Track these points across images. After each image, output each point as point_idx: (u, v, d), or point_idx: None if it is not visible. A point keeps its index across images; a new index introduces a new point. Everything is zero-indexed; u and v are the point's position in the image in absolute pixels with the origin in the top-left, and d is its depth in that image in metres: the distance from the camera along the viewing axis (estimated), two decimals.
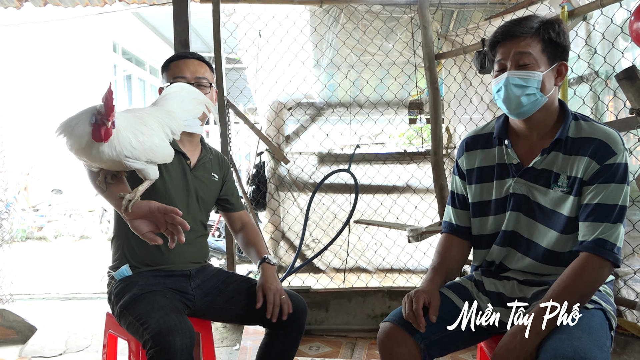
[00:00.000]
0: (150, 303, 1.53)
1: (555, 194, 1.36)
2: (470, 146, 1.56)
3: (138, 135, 1.34)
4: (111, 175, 1.42)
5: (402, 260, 3.47)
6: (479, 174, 1.52)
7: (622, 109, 2.20)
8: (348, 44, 3.38)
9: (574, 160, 1.34)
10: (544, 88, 1.34)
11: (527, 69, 1.34)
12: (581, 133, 1.35)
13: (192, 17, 2.78)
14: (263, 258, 1.77)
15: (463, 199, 1.58)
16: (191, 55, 1.76)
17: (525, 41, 1.34)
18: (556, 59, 1.36)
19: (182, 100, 1.53)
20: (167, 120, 1.46)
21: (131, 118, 1.38)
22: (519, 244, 1.44)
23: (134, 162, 1.34)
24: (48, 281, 4.71)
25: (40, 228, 7.80)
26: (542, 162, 1.39)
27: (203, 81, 1.72)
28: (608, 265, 1.27)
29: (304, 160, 3.45)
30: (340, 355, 2.61)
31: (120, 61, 9.31)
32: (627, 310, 2.20)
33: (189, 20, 2.70)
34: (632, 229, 2.12)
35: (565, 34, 1.36)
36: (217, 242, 4.99)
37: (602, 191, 1.29)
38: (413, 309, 1.36)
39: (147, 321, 1.45)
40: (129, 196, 1.33)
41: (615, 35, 2.28)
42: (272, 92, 3.39)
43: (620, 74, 1.88)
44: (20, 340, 2.94)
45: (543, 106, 1.37)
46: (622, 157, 1.30)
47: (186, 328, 1.42)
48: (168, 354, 1.37)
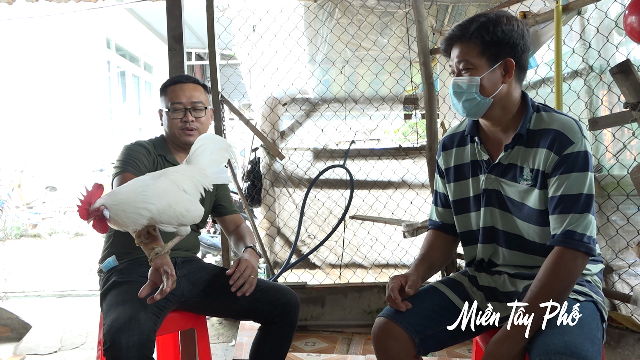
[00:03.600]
0: (118, 295, 1.58)
1: (522, 187, 1.37)
2: (447, 145, 1.58)
3: (141, 211, 1.40)
4: (146, 234, 1.52)
5: (397, 255, 3.48)
6: (456, 172, 1.54)
7: (616, 103, 2.20)
8: (343, 39, 3.36)
9: (535, 153, 1.35)
10: (485, 90, 1.36)
11: (467, 75, 1.37)
12: (541, 124, 1.36)
13: (186, 12, 2.77)
14: (248, 245, 1.82)
15: (445, 198, 1.60)
16: (186, 80, 1.87)
17: (463, 47, 1.37)
18: (499, 57, 1.35)
19: (211, 152, 1.63)
20: (201, 179, 1.57)
21: (162, 184, 1.47)
22: (500, 239, 1.45)
23: (165, 227, 1.48)
24: (43, 278, 4.69)
25: (35, 225, 7.76)
26: (507, 157, 1.40)
27: (199, 105, 1.84)
28: (580, 255, 1.27)
29: (299, 156, 3.44)
30: (336, 351, 2.61)
31: (114, 57, 9.25)
32: (622, 303, 2.21)
33: (182, 15, 2.69)
34: (626, 223, 2.13)
35: (506, 31, 1.34)
36: (212, 238, 4.97)
37: (564, 182, 1.29)
38: (389, 289, 1.41)
39: (107, 317, 1.51)
40: (158, 249, 1.45)
41: (610, 30, 2.28)
42: (267, 87, 3.38)
43: (615, 68, 1.88)
44: (14, 337, 2.92)
45: (497, 103, 1.38)
46: (581, 144, 1.29)
47: (135, 325, 1.43)
48: (114, 351, 1.39)
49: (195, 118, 1.82)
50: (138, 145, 1.80)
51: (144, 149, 1.79)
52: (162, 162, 1.83)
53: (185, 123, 1.81)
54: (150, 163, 1.78)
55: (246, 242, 1.87)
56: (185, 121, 1.80)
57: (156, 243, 1.49)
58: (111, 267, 1.72)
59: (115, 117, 9.23)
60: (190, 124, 1.81)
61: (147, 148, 1.80)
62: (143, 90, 10.64)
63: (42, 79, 7.76)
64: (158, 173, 1.53)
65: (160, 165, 1.81)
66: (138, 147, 1.78)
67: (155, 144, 1.86)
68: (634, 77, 1.82)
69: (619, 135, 2.30)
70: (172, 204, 1.44)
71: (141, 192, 1.42)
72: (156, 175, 1.51)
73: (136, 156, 1.74)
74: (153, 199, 1.41)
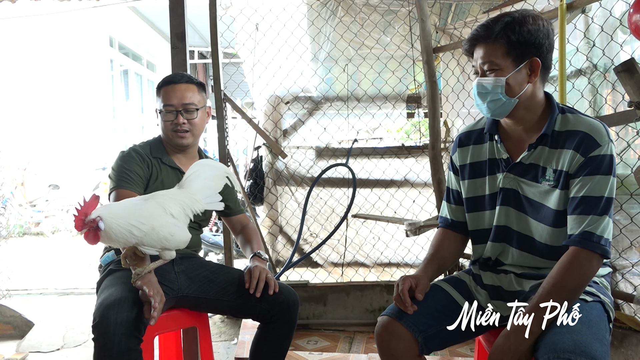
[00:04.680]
0: (112, 279, 1.61)
1: (543, 187, 1.37)
2: (463, 142, 1.57)
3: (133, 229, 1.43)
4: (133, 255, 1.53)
5: (400, 254, 3.47)
6: (471, 170, 1.53)
7: (620, 102, 2.19)
8: (346, 37, 3.35)
9: (560, 154, 1.34)
10: (511, 90, 1.35)
11: (492, 75, 1.36)
12: (567, 126, 1.35)
13: (189, 10, 2.76)
14: (255, 252, 1.83)
15: (457, 195, 1.59)
16: (180, 79, 1.82)
17: (488, 47, 1.36)
18: (525, 57, 1.34)
19: (205, 178, 1.64)
20: (190, 203, 1.57)
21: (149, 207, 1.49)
22: (512, 239, 1.44)
23: (148, 250, 1.49)
24: (45, 276, 4.70)
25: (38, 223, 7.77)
26: (530, 157, 1.39)
27: (190, 106, 1.80)
28: (596, 257, 1.27)
29: (301, 155, 3.44)
30: (339, 349, 2.61)
31: (117, 56, 9.26)
32: (625, 303, 2.20)
33: (185, 13, 2.68)
34: (630, 223, 2.12)
35: (532, 31, 1.33)
36: (214, 237, 4.97)
37: (587, 183, 1.29)
38: (399, 291, 1.39)
39: (99, 297, 1.53)
40: (138, 270, 1.48)
41: (614, 28, 2.27)
42: (270, 86, 3.37)
43: (619, 67, 1.87)
44: (17, 335, 2.93)
45: (521, 104, 1.37)
46: (607, 148, 1.29)
47: (126, 304, 1.44)
48: (101, 327, 1.40)
49: (187, 120, 1.79)
50: (132, 153, 1.77)
51: (138, 155, 1.77)
52: (158, 164, 1.81)
53: (177, 125, 1.78)
54: (145, 170, 1.76)
55: (253, 247, 1.88)
56: (176, 123, 1.78)
57: (142, 264, 1.51)
58: (110, 260, 1.74)
59: (118, 115, 9.24)
60: (182, 126, 1.78)
61: (141, 154, 1.78)
62: (146, 88, 10.64)
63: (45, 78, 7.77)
64: (147, 196, 1.55)
65: (156, 168, 1.79)
66: (131, 157, 1.76)
67: (151, 146, 1.85)
68: (639, 76, 1.81)
69: (623, 134, 2.29)
70: (155, 227, 1.45)
71: (135, 211, 1.45)
72: (145, 197, 1.54)
73: (130, 168, 1.72)
74: (143, 219, 1.44)
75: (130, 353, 1.41)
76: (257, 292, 1.65)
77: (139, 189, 1.73)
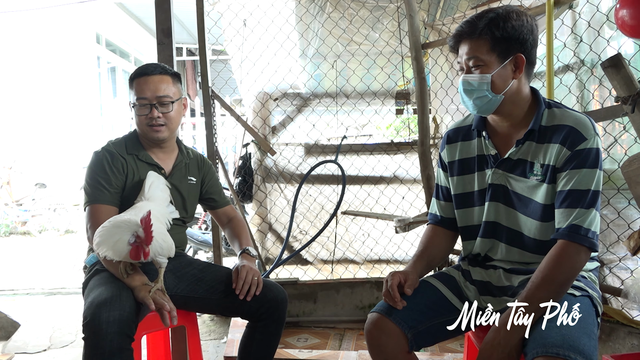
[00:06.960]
0: (100, 279, 1.58)
1: (531, 182, 1.37)
2: (451, 139, 1.57)
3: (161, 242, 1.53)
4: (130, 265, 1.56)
5: (389, 251, 3.47)
6: (460, 166, 1.53)
7: (607, 97, 2.20)
8: (334, 33, 3.34)
9: (547, 148, 1.35)
10: (496, 87, 1.35)
11: (477, 71, 1.35)
12: (553, 121, 1.36)
13: (176, 6, 2.73)
14: (243, 249, 1.81)
15: (447, 192, 1.59)
16: (152, 70, 1.73)
17: (472, 43, 1.36)
18: (509, 53, 1.34)
19: (162, 190, 1.72)
20: (167, 214, 1.69)
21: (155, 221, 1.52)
22: (501, 235, 1.45)
23: (161, 259, 1.56)
24: (32, 276, 4.64)
25: (24, 223, 7.68)
26: (518, 152, 1.40)
27: (165, 99, 1.72)
28: (584, 250, 1.28)
29: (290, 152, 3.42)
30: (329, 347, 2.61)
31: (104, 53, 9.16)
32: (613, 297, 2.22)
33: (171, 8, 2.65)
34: (617, 217, 2.13)
35: (516, 26, 1.33)
36: (204, 235, 4.94)
37: (574, 177, 1.29)
38: (388, 287, 1.40)
39: (88, 297, 1.51)
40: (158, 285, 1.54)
41: (601, 24, 2.27)
42: (258, 82, 3.34)
43: (606, 62, 1.87)
44: (3, 336, 2.89)
45: (508, 100, 1.37)
46: (593, 142, 1.30)
47: (117, 302, 1.43)
48: (93, 325, 1.38)
49: (162, 114, 1.71)
50: (106, 156, 1.71)
51: (112, 157, 1.71)
52: (134, 161, 1.75)
53: (152, 119, 1.70)
54: (119, 174, 1.71)
55: (242, 243, 1.85)
56: (151, 117, 1.70)
57: (137, 275, 1.54)
58: (95, 261, 1.71)
59: (106, 113, 9.15)
60: (157, 120, 1.71)
61: (114, 155, 1.72)
62: None
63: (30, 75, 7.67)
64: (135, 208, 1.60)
65: (132, 167, 1.74)
66: (103, 164, 1.70)
67: (127, 142, 1.78)
68: (625, 71, 1.81)
69: (610, 129, 2.30)
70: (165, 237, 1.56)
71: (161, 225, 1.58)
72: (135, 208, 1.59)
73: (102, 176, 1.68)
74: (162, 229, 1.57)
75: (123, 352, 1.39)
76: (248, 297, 1.65)
77: (115, 200, 1.69)
